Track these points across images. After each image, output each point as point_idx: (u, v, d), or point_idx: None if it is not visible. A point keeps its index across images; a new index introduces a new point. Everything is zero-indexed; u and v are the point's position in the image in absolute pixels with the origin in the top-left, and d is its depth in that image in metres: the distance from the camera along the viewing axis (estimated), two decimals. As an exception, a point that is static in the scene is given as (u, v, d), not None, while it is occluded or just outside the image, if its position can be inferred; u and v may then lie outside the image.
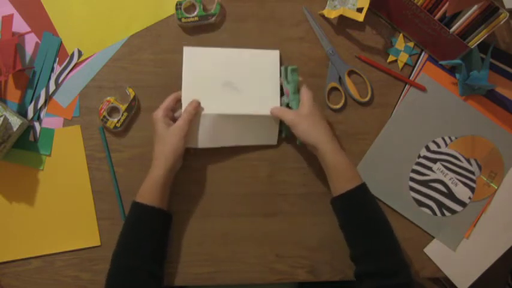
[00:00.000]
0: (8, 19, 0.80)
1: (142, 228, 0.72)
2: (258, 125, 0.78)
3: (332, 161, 0.70)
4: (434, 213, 0.82)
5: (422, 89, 0.83)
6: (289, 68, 0.75)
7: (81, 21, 0.82)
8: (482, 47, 0.81)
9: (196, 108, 0.76)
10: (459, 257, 0.82)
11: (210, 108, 0.77)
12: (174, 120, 0.76)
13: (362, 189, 0.70)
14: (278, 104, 0.79)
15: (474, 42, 0.76)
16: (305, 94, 0.74)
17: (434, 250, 0.82)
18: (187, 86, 0.78)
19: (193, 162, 0.80)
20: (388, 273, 0.65)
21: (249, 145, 0.80)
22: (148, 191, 0.72)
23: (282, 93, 0.80)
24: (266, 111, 0.78)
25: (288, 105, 0.77)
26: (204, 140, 0.77)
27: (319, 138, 0.71)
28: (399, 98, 0.84)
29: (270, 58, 0.80)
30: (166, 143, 0.72)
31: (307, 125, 0.71)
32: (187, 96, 0.77)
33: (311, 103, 0.73)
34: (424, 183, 0.83)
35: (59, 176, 0.80)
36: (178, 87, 0.79)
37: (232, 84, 0.78)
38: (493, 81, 0.83)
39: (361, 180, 0.71)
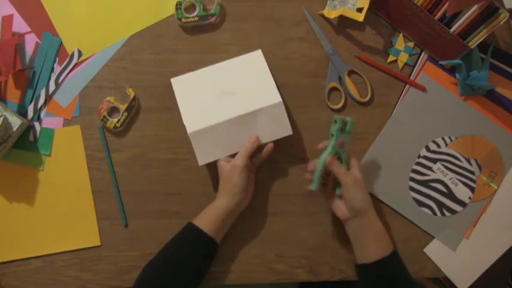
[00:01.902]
0: (8, 19, 0.80)
1: (189, 248, 0.72)
2: (266, 119, 0.77)
3: (375, 231, 0.72)
4: (434, 213, 0.82)
5: (422, 89, 0.83)
6: (350, 120, 0.74)
7: (81, 21, 0.82)
8: (482, 47, 0.81)
9: (255, 143, 0.76)
10: (459, 257, 0.82)
11: (213, 119, 0.76)
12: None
13: (396, 256, 0.73)
14: (278, 94, 0.77)
15: (474, 42, 0.76)
16: (356, 160, 0.75)
17: (434, 250, 0.82)
18: (185, 111, 0.77)
19: (193, 162, 0.80)
20: None
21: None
22: (204, 218, 0.74)
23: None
24: (268, 103, 0.77)
25: (333, 154, 0.74)
26: (220, 150, 0.76)
27: (368, 205, 0.72)
28: (399, 98, 0.84)
29: (255, 59, 0.80)
30: (228, 180, 0.74)
31: (362, 189, 0.72)
32: (188, 121, 0.76)
33: (360, 170, 0.74)
34: (424, 183, 0.83)
35: (59, 176, 0.80)
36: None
37: (228, 91, 0.78)
38: (493, 81, 0.83)
39: (393, 247, 0.73)
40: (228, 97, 0.77)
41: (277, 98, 0.77)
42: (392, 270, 0.72)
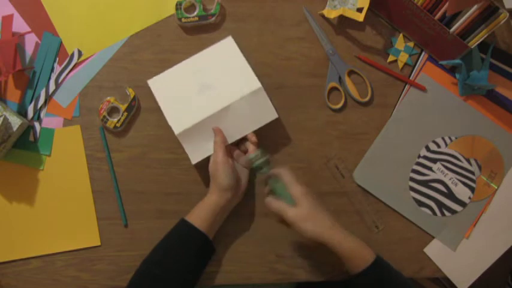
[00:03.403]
0: (8, 19, 0.80)
1: (181, 244, 0.73)
2: (249, 107, 0.77)
3: (343, 250, 0.69)
4: (434, 213, 0.82)
5: (422, 89, 0.83)
6: (254, 157, 0.73)
7: (81, 21, 0.82)
8: (482, 47, 0.81)
9: (220, 134, 0.75)
10: (459, 257, 0.82)
11: (198, 116, 0.76)
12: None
13: (378, 264, 0.69)
14: (256, 80, 0.77)
15: (474, 42, 0.76)
16: (296, 188, 0.71)
17: (434, 250, 0.82)
18: (168, 112, 0.77)
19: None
20: None
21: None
22: (196, 214, 0.74)
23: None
24: (248, 90, 0.77)
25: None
26: (210, 146, 0.76)
27: (324, 234, 0.69)
28: (399, 98, 0.84)
29: (226, 46, 0.80)
30: (214, 178, 0.75)
31: (311, 224, 0.69)
32: (174, 121, 0.77)
33: (306, 197, 0.70)
34: (424, 183, 0.83)
35: (59, 176, 0.80)
36: (178, 87, 0.79)
37: (206, 85, 0.78)
38: (493, 81, 0.83)
39: (374, 254, 0.69)
40: (208, 91, 0.78)
41: (257, 84, 0.77)
42: (376, 279, 0.69)
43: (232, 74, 0.78)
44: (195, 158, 0.77)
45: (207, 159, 0.77)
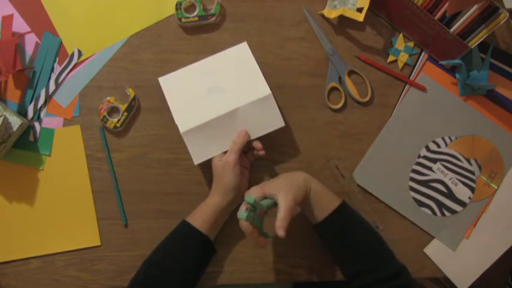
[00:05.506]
0: (8, 19, 0.80)
1: (182, 246, 0.73)
2: (257, 112, 0.77)
3: (317, 190, 0.72)
4: (434, 213, 0.82)
5: (422, 89, 0.83)
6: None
7: (81, 21, 0.82)
8: (482, 47, 0.81)
9: (245, 137, 0.75)
10: (459, 257, 0.82)
11: (205, 116, 0.76)
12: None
13: (344, 207, 0.72)
14: (267, 87, 0.77)
15: (474, 42, 0.76)
16: (278, 194, 0.68)
17: (434, 250, 0.82)
18: (176, 111, 0.77)
19: (193, 162, 0.79)
20: (385, 279, 0.68)
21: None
22: (197, 215, 0.74)
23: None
24: (257, 96, 0.77)
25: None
26: (214, 148, 0.76)
27: (301, 184, 0.70)
28: (399, 98, 0.84)
29: (240, 51, 0.79)
30: (220, 178, 0.74)
31: (293, 192, 0.68)
32: (180, 120, 0.76)
33: (279, 187, 0.69)
34: (424, 183, 0.83)
35: (59, 176, 0.80)
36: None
37: (216, 87, 0.78)
38: (493, 81, 0.83)
39: (340, 200, 0.73)
40: (217, 93, 0.77)
41: (267, 91, 0.77)
42: (341, 222, 0.72)
43: (243, 79, 0.78)
44: (197, 159, 0.77)
45: (208, 160, 0.77)
